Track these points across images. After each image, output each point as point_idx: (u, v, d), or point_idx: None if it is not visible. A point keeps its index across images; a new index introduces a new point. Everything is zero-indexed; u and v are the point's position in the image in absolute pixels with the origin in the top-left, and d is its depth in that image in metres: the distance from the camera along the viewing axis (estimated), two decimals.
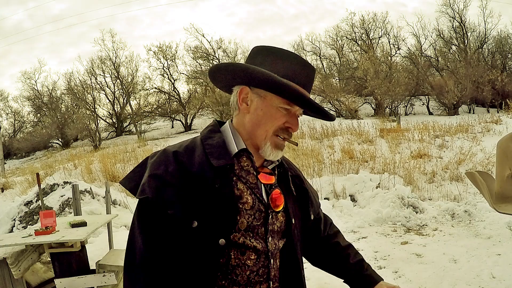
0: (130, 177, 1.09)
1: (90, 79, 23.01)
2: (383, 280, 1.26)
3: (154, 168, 1.03)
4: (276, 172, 1.18)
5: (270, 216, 1.11)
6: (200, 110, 22.16)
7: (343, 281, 1.30)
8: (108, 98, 23.87)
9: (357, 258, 1.30)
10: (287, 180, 1.19)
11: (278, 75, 1.04)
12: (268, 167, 1.16)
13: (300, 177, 1.26)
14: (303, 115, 1.17)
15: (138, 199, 1.05)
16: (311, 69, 1.12)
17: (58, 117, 22.68)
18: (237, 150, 1.09)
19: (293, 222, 1.17)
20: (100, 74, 23.14)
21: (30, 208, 6.60)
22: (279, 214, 1.14)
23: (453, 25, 21.42)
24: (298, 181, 1.24)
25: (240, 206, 1.05)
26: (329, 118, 1.15)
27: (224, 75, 1.14)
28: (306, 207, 1.24)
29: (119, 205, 7.19)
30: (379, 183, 7.44)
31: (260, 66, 1.07)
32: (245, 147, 1.10)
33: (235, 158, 1.10)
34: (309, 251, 1.33)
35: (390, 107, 20.24)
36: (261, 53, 1.11)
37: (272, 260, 1.11)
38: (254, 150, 1.12)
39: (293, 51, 1.18)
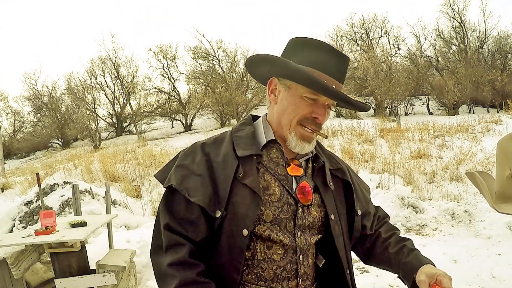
0: (163, 170, 1.12)
1: (90, 79, 23.02)
2: (427, 263, 1.13)
3: (182, 159, 1.08)
4: (310, 165, 1.14)
5: (301, 210, 1.07)
6: (200, 110, 22.16)
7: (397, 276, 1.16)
8: (108, 98, 23.88)
9: (397, 246, 1.17)
10: (324, 174, 1.14)
11: (306, 64, 1.03)
12: (300, 160, 1.12)
13: (342, 170, 1.20)
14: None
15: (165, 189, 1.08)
16: (344, 59, 1.09)
17: (58, 117, 22.68)
18: (266, 141, 1.09)
19: (332, 218, 1.11)
20: (100, 74, 23.15)
21: (30, 208, 6.60)
22: (312, 209, 1.09)
23: (453, 25, 21.41)
24: (340, 174, 1.18)
25: (266, 197, 1.03)
26: (362, 108, 1.12)
27: (258, 67, 1.14)
28: (351, 201, 1.18)
29: (119, 205, 7.19)
30: (379, 183, 7.44)
31: (290, 56, 1.07)
32: (274, 138, 1.09)
33: (265, 150, 1.09)
34: (358, 248, 1.26)
35: (390, 107, 20.24)
36: (294, 44, 1.11)
37: (301, 256, 1.07)
38: (284, 142, 1.10)
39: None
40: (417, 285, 1.09)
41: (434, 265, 1.14)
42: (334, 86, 1.03)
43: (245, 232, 0.99)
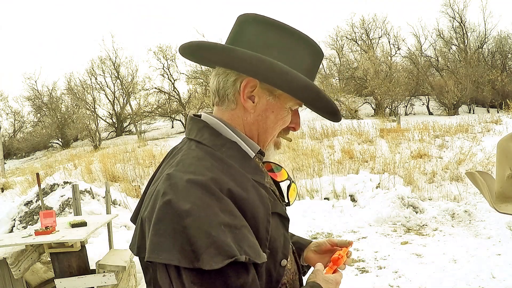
0: (159, 243, 0.72)
1: (90, 79, 23.05)
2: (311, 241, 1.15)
3: (206, 215, 0.72)
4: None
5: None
6: (200, 110, 22.15)
7: None
8: (108, 98, 23.91)
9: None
10: None
11: (299, 70, 0.86)
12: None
13: None
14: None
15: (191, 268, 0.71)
16: (321, 57, 0.97)
17: (58, 117, 22.68)
18: (254, 154, 0.91)
19: None
20: (100, 74, 23.18)
21: (30, 208, 6.60)
22: None
23: (453, 25, 21.43)
24: None
25: None
26: (338, 119, 1.00)
27: (220, 57, 0.88)
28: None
29: (119, 205, 7.19)
30: (379, 183, 7.44)
31: (278, 51, 0.87)
32: (259, 148, 0.92)
33: None
34: None
35: (390, 107, 20.24)
36: (272, 29, 0.88)
37: (296, 254, 1.06)
38: None
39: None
40: (308, 263, 1.13)
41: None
42: None
43: (284, 262, 0.87)
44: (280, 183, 1.01)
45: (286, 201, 1.00)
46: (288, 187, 1.02)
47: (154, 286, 0.82)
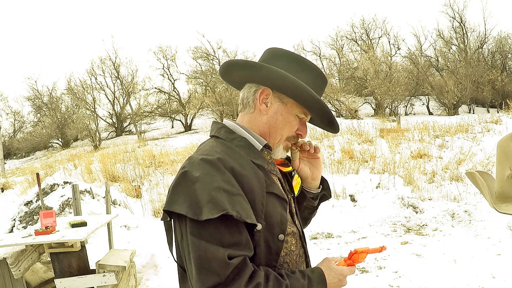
0: (175, 199, 0.97)
1: (90, 79, 23.02)
2: None
3: (211, 181, 0.95)
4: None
5: (291, 200, 1.18)
6: (200, 110, 22.15)
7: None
8: (108, 98, 23.88)
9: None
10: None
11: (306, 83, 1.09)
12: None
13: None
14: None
15: (194, 220, 0.94)
16: (326, 83, 1.19)
17: (58, 117, 22.67)
18: (261, 147, 1.12)
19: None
20: (100, 74, 23.16)
21: (30, 208, 6.60)
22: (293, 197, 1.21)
23: (453, 25, 21.42)
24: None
25: None
26: (336, 130, 1.22)
27: (246, 73, 1.14)
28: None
29: (119, 205, 7.19)
30: (379, 183, 7.44)
31: (289, 71, 1.10)
32: (266, 142, 1.13)
33: None
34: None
35: (390, 107, 20.24)
36: (282, 57, 1.14)
37: (303, 239, 1.19)
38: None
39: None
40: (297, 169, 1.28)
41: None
42: None
43: (281, 237, 1.05)
44: (287, 174, 1.22)
45: (288, 188, 1.20)
46: (292, 177, 1.22)
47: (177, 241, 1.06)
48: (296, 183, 1.23)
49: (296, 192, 1.22)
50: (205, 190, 0.94)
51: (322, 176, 1.34)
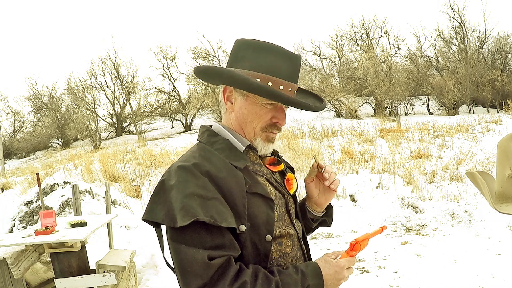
0: (153, 208, 1.00)
1: (90, 79, 23.02)
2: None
3: (184, 188, 0.96)
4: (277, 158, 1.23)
5: (289, 200, 1.16)
6: (200, 110, 22.15)
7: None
8: (108, 98, 23.88)
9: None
10: (286, 163, 1.25)
11: (260, 70, 1.06)
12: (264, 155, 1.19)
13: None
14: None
15: (171, 227, 0.95)
16: (296, 58, 1.11)
17: (58, 117, 22.67)
18: (244, 148, 1.10)
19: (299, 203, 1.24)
20: (100, 74, 23.16)
21: (30, 208, 6.60)
22: (292, 197, 1.19)
23: (453, 25, 21.40)
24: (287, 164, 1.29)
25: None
26: (313, 109, 1.13)
27: (204, 78, 1.15)
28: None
29: (119, 205, 7.19)
30: (379, 183, 7.44)
31: (241, 60, 1.08)
32: (249, 143, 1.11)
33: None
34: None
35: (390, 107, 20.23)
36: (242, 46, 1.11)
37: (302, 241, 1.16)
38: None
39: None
40: (309, 191, 1.27)
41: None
42: (290, 89, 1.09)
43: (268, 237, 1.03)
44: (279, 173, 1.20)
45: (284, 188, 1.17)
46: (284, 176, 1.19)
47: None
48: (292, 181, 1.20)
49: (291, 192, 1.18)
50: (178, 197, 0.94)
51: (330, 203, 1.31)
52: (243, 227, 0.98)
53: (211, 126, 1.18)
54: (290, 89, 1.09)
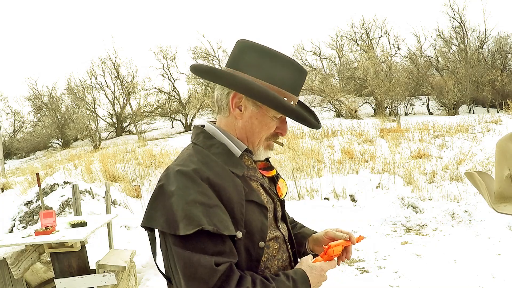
0: (152, 214, 0.99)
1: (90, 79, 23.03)
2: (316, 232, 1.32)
3: (185, 194, 0.95)
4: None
5: (278, 204, 1.18)
6: (200, 110, 22.15)
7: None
8: (108, 98, 23.90)
9: (295, 225, 1.38)
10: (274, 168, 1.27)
11: (276, 83, 1.05)
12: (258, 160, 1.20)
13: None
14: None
15: (174, 234, 0.94)
16: (305, 73, 1.13)
17: (58, 117, 22.68)
18: (240, 153, 1.09)
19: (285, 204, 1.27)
20: (100, 74, 23.17)
21: (30, 208, 6.60)
22: (280, 201, 1.21)
23: (453, 25, 21.40)
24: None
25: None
26: (315, 127, 1.15)
27: (211, 79, 1.11)
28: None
29: (119, 205, 7.19)
30: (379, 183, 7.44)
31: (255, 68, 1.05)
32: (246, 147, 1.11)
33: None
34: None
35: (390, 107, 20.23)
36: (254, 51, 1.07)
37: (288, 244, 1.18)
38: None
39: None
40: (313, 252, 1.28)
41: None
42: (294, 103, 1.11)
43: (261, 244, 1.04)
44: (273, 178, 1.21)
45: (275, 192, 1.18)
46: (275, 182, 1.20)
47: (162, 252, 1.08)
48: (282, 186, 1.21)
49: (281, 196, 1.20)
50: (180, 204, 0.93)
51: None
52: (240, 234, 0.99)
53: (203, 125, 1.16)
54: (293, 102, 1.11)
